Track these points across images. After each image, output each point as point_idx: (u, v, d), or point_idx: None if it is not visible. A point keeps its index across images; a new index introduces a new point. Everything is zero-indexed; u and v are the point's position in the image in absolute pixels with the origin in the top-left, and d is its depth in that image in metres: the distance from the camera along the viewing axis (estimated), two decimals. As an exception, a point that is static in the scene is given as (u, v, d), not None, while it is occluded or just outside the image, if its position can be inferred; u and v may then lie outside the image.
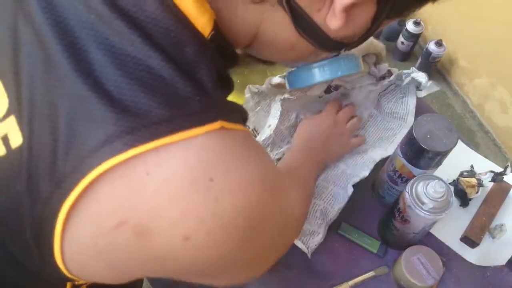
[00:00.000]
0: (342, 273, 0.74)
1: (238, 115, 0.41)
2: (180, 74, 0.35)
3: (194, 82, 0.36)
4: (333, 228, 0.78)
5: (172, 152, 0.33)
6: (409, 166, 0.68)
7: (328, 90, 0.85)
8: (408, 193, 0.65)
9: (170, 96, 0.34)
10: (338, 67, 0.57)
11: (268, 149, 0.81)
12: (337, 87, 0.85)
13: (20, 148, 0.34)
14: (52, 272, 0.37)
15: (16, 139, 0.35)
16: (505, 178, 0.83)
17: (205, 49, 0.38)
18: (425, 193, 0.63)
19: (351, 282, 0.73)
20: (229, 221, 0.35)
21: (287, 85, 0.62)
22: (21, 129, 0.35)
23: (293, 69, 0.64)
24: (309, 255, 0.73)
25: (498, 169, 0.84)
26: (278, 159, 0.79)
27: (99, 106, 0.33)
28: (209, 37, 0.39)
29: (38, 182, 0.34)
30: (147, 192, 0.33)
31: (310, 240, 0.74)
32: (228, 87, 0.45)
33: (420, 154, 0.65)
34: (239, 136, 0.38)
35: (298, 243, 0.73)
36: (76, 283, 0.42)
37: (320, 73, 0.57)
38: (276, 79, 0.83)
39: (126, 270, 0.38)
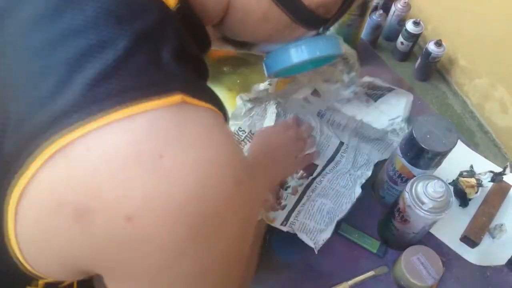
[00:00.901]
0: (342, 273, 0.74)
1: (207, 95, 0.37)
2: (135, 45, 0.33)
3: (152, 52, 0.34)
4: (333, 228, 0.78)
5: (118, 127, 0.30)
6: (409, 166, 0.68)
7: (315, 93, 0.84)
8: (408, 193, 0.65)
9: (122, 68, 0.32)
10: (316, 47, 0.52)
11: None
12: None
13: None
14: (17, 269, 0.35)
15: None
16: (505, 178, 0.83)
17: (169, 20, 0.36)
18: (425, 193, 0.63)
19: (351, 282, 0.73)
20: (180, 202, 0.31)
21: (265, 71, 0.58)
22: None
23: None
24: (316, 251, 0.72)
25: (498, 169, 0.85)
26: None
27: (46, 85, 0.31)
28: (175, 9, 0.36)
29: None
30: (87, 169, 0.30)
31: (318, 236, 0.74)
32: (201, 71, 0.42)
33: (420, 154, 0.65)
34: (203, 113, 0.34)
35: (306, 239, 0.73)
36: (47, 281, 0.39)
37: (297, 53, 0.52)
38: (263, 85, 0.83)
39: (76, 263, 0.35)
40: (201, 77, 0.42)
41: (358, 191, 0.78)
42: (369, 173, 0.80)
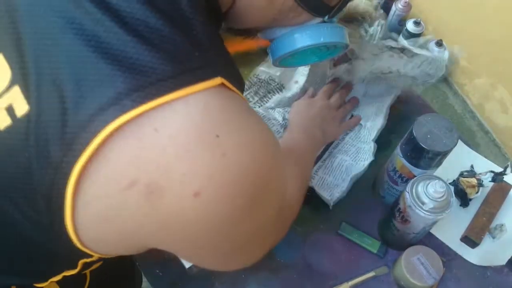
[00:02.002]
0: (342, 273, 0.74)
1: (237, 81, 0.41)
2: (178, 31, 0.36)
3: (191, 38, 0.37)
4: (333, 228, 0.78)
5: (177, 108, 0.33)
6: (409, 166, 0.68)
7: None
8: (408, 193, 0.65)
9: (171, 52, 0.35)
10: (320, 33, 0.53)
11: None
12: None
13: (26, 115, 0.35)
14: (63, 245, 0.37)
15: (22, 108, 0.35)
16: (505, 178, 0.82)
17: (199, 7, 0.39)
18: (425, 193, 0.63)
19: (351, 282, 0.73)
20: (237, 176, 0.35)
21: (270, 58, 0.59)
22: (27, 97, 0.35)
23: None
24: (330, 206, 0.75)
25: (498, 169, 0.84)
26: None
27: (105, 66, 0.33)
28: None
29: (48, 147, 0.34)
30: (156, 149, 0.33)
31: (334, 190, 0.77)
32: (225, 54, 0.45)
33: (420, 154, 0.65)
34: (239, 99, 0.39)
35: (324, 193, 0.76)
36: (88, 260, 0.42)
37: (301, 38, 0.53)
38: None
39: (135, 237, 0.38)
40: (227, 54, 0.45)
41: (374, 146, 0.81)
42: (381, 121, 0.83)
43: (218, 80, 0.36)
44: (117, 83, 0.33)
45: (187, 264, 0.74)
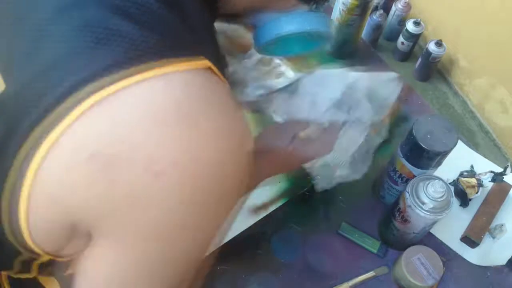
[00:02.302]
0: (342, 273, 0.74)
1: (224, 69, 0.39)
2: (167, 7, 0.35)
3: (182, 19, 0.36)
4: (333, 228, 0.78)
5: (157, 84, 0.32)
6: (409, 166, 0.68)
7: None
8: (408, 193, 0.65)
9: (156, 27, 0.33)
10: (306, 20, 0.53)
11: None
12: None
13: (1, 94, 0.34)
14: (10, 238, 0.35)
15: None
16: (505, 178, 0.83)
17: None
18: (425, 193, 0.63)
19: (351, 282, 0.73)
20: (209, 164, 0.33)
21: (254, 45, 0.58)
22: (3, 75, 0.34)
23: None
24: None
25: (498, 169, 0.84)
26: None
27: (84, 43, 0.32)
28: None
29: (18, 124, 0.32)
30: (126, 122, 0.31)
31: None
32: (216, 44, 0.44)
33: (420, 154, 0.65)
34: (224, 85, 0.38)
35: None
36: (39, 262, 0.39)
37: (287, 23, 0.53)
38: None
39: (82, 223, 0.35)
40: (217, 43, 0.44)
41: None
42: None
43: (205, 62, 0.34)
44: (96, 59, 0.32)
45: (187, 264, 0.73)
